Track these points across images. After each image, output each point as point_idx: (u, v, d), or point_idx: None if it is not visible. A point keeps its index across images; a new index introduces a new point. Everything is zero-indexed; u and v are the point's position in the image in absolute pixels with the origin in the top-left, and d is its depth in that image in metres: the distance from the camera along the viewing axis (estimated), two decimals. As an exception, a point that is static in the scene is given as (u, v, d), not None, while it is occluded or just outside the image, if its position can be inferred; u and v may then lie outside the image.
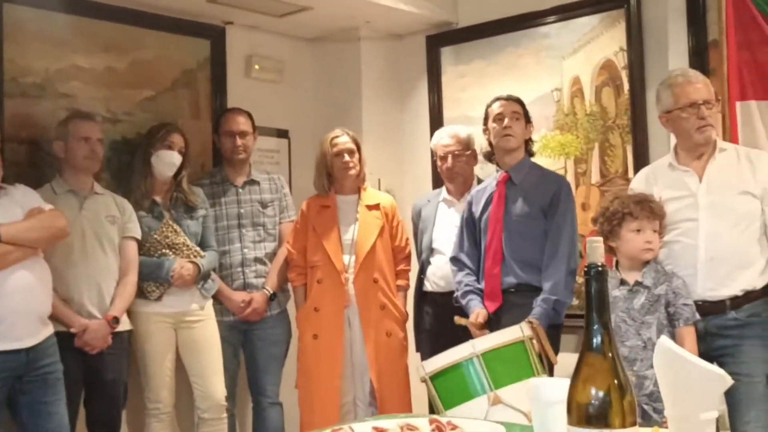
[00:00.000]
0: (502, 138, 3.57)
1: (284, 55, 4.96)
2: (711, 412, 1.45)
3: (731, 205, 3.09)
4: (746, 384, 3.03)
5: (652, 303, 3.01)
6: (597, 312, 1.27)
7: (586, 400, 1.22)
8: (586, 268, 1.29)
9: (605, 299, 1.27)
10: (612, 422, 1.20)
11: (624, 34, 4.14)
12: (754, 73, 3.47)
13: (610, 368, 1.23)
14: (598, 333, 1.26)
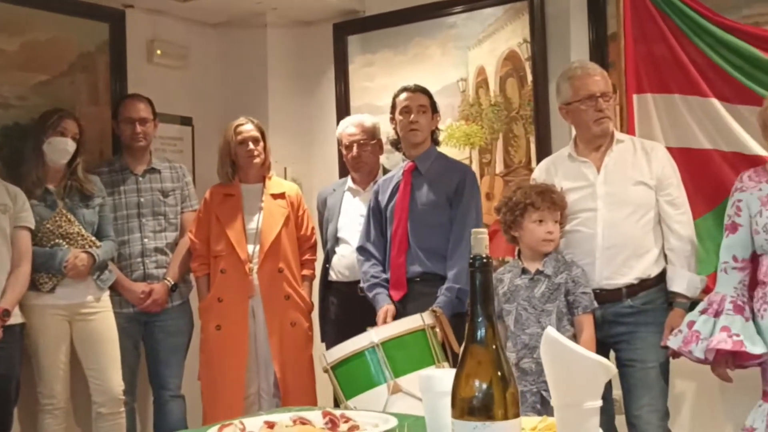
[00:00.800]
0: (409, 132, 3.59)
1: (188, 40, 4.85)
2: (595, 401, 1.46)
3: (627, 196, 3.16)
4: (641, 370, 3.12)
5: (552, 291, 3.06)
6: (481, 304, 1.26)
7: (470, 392, 1.22)
8: (471, 259, 1.28)
9: (489, 291, 1.27)
10: (495, 414, 1.20)
11: (527, 26, 4.18)
12: (651, 66, 3.53)
13: (493, 360, 1.23)
14: (482, 325, 1.26)
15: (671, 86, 3.50)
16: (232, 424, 1.73)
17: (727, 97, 3.39)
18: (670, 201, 3.17)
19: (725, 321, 2.87)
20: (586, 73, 3.23)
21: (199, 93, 4.87)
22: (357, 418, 1.81)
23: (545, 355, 1.48)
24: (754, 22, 3.58)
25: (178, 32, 4.78)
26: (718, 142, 3.41)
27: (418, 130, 3.58)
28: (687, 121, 3.47)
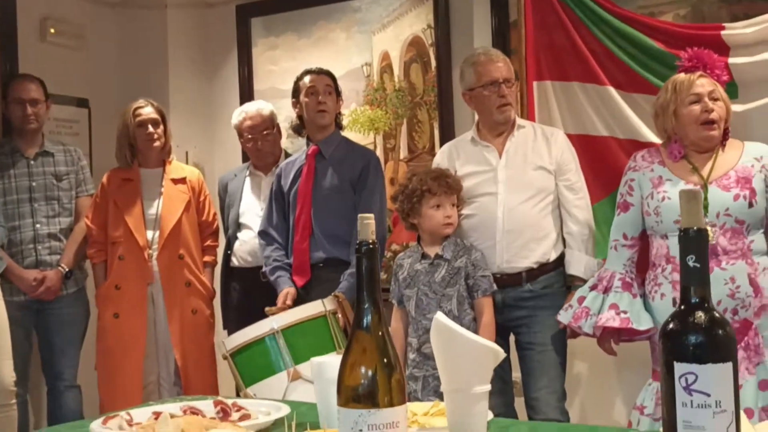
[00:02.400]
0: (317, 114, 3.56)
1: (84, 19, 4.68)
2: (484, 385, 1.48)
3: (528, 180, 3.20)
4: (539, 352, 3.17)
5: (452, 275, 3.08)
6: (367, 290, 1.25)
7: (355, 380, 1.20)
8: (357, 245, 1.27)
9: (376, 277, 1.26)
10: (380, 401, 1.19)
11: (431, 12, 4.19)
12: (550, 54, 3.58)
13: (379, 347, 1.22)
14: (368, 312, 1.24)
15: (570, 74, 3.55)
16: (117, 415, 1.68)
17: (623, 85, 3.46)
18: (568, 186, 3.23)
19: (613, 298, 2.95)
20: (490, 60, 3.25)
21: (96, 74, 4.71)
22: (249, 407, 1.79)
23: (435, 340, 1.48)
24: (649, 12, 3.67)
25: (73, 11, 4.62)
26: (615, 130, 3.48)
27: (326, 111, 3.55)
28: (585, 109, 3.53)
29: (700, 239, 1.08)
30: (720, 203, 2.81)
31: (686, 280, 1.09)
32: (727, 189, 2.83)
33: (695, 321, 1.08)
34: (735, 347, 1.07)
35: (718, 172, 2.88)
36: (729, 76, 3.09)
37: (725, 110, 2.90)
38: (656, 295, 2.91)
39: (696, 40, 3.11)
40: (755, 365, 2.78)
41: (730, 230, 2.80)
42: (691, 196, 1.09)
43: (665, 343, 1.09)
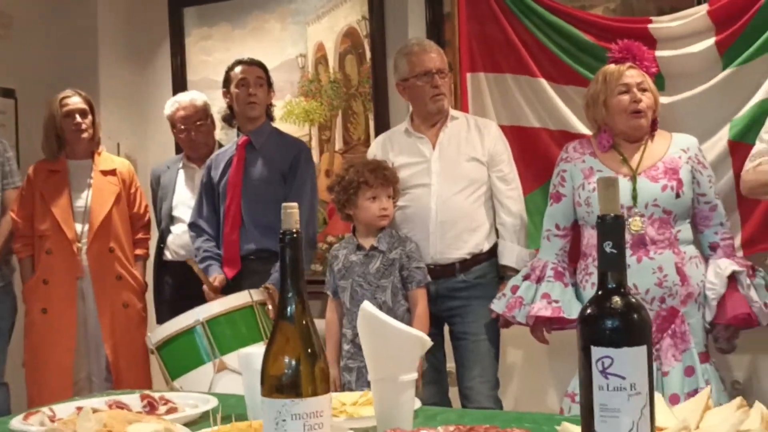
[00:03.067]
0: (247, 105, 3.53)
1: (10, 7, 4.55)
2: (411, 374, 1.48)
3: (461, 171, 3.22)
4: (473, 342, 3.20)
5: (387, 267, 3.08)
6: (291, 279, 1.24)
7: (278, 369, 1.19)
8: (280, 234, 1.26)
9: (300, 267, 1.25)
10: (303, 391, 1.18)
11: (366, 3, 4.18)
12: (484, 46, 3.60)
13: (303, 336, 1.21)
14: (292, 301, 1.23)
15: (503, 66, 3.58)
16: (39, 411, 1.64)
17: (555, 77, 3.51)
18: (501, 177, 3.26)
19: (546, 287, 2.99)
20: (423, 50, 3.26)
21: (23, 64, 4.58)
22: (177, 400, 1.76)
23: (362, 330, 1.48)
24: (580, 5, 3.71)
25: (-2, -1, 4.49)
26: (547, 121, 3.53)
27: (256, 103, 3.53)
28: (517, 100, 3.56)
29: (617, 226, 1.10)
30: (648, 194, 2.87)
31: (603, 265, 1.11)
32: (655, 180, 2.89)
33: (612, 306, 1.09)
34: (650, 331, 1.09)
35: (646, 163, 2.94)
36: (657, 68, 3.15)
37: (653, 101, 2.97)
38: (587, 285, 2.96)
39: (624, 33, 3.17)
40: (681, 352, 2.85)
41: (658, 220, 2.86)
42: (608, 183, 1.11)
43: (583, 328, 1.10)
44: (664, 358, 2.84)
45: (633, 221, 2.86)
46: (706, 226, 2.98)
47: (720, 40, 3.23)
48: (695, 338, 2.85)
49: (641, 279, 2.83)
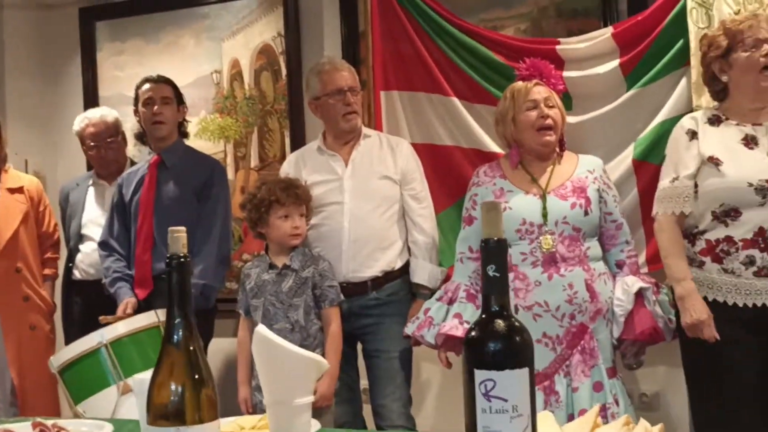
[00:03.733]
0: (152, 125, 3.49)
1: None
2: (306, 397, 1.47)
3: (374, 189, 3.24)
4: (385, 360, 3.21)
5: (299, 285, 3.07)
6: (178, 305, 1.23)
7: (164, 397, 1.18)
8: (167, 258, 1.24)
9: (186, 291, 1.24)
10: (189, 418, 1.16)
11: (281, 20, 4.17)
12: (397, 64, 3.62)
13: (189, 363, 1.19)
14: (179, 327, 1.22)
15: (416, 84, 3.61)
16: None
17: (467, 96, 3.55)
18: (413, 195, 3.28)
19: (458, 308, 3.01)
20: (334, 68, 3.28)
21: (-76, 77, 4.44)
22: (70, 427, 1.72)
23: (256, 353, 1.47)
24: (492, 25, 3.77)
25: None
26: (459, 139, 3.57)
27: (162, 123, 3.49)
28: (430, 118, 3.60)
29: (500, 249, 1.11)
30: (558, 211, 2.92)
31: (487, 289, 1.12)
32: (564, 198, 2.95)
33: (494, 329, 1.11)
34: (532, 353, 1.11)
35: (555, 182, 2.99)
36: (564, 86, 3.22)
37: (561, 117, 3.03)
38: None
39: (533, 54, 3.23)
40: (590, 368, 2.89)
41: (568, 237, 2.91)
42: (490, 207, 1.12)
43: (466, 351, 1.11)
44: (574, 374, 2.88)
45: (544, 239, 2.90)
46: (612, 244, 3.05)
47: (624, 61, 3.33)
48: (603, 354, 2.90)
49: (552, 296, 2.88)
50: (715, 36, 2.86)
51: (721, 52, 2.83)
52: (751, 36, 2.77)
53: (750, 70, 2.78)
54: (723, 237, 2.74)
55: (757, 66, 2.76)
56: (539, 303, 2.88)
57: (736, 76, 2.83)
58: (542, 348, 2.89)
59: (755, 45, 2.76)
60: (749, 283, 2.71)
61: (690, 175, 2.81)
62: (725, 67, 2.84)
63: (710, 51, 2.88)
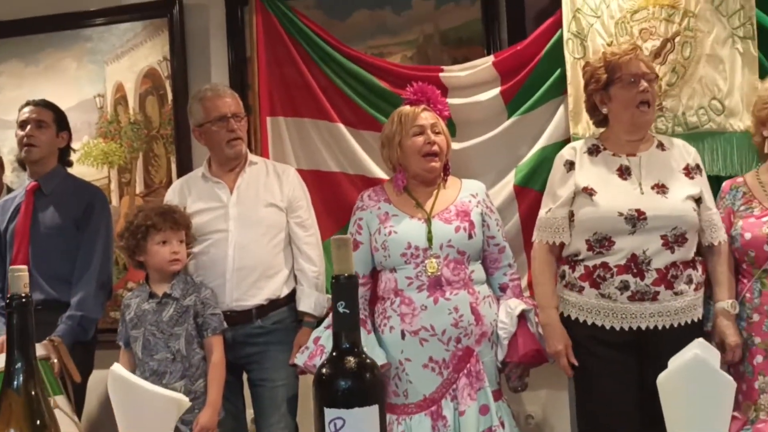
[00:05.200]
0: (23, 147, 3.37)
1: None
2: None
3: (259, 217, 3.20)
4: (270, 389, 3.17)
5: (180, 314, 3.01)
6: (19, 348, 1.17)
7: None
8: (7, 299, 1.19)
9: (29, 333, 1.18)
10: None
11: (167, 44, 4.10)
12: (283, 90, 3.62)
13: (30, 409, 1.15)
14: (19, 372, 1.17)
15: (302, 110, 3.61)
16: None
17: (353, 122, 3.57)
18: (299, 223, 3.27)
19: None
20: (217, 95, 3.24)
21: None
22: None
23: (112, 393, 1.42)
24: (379, 52, 3.81)
25: None
26: (345, 165, 3.58)
27: (33, 146, 3.37)
28: (316, 145, 3.60)
29: (350, 286, 1.11)
30: (443, 235, 2.95)
31: (337, 326, 1.12)
32: (448, 222, 2.98)
33: (344, 366, 1.10)
34: (382, 390, 1.11)
35: (439, 206, 3.02)
36: (449, 113, 3.28)
37: (446, 144, 3.07)
38: (385, 328, 2.98)
39: (417, 81, 3.26)
40: (476, 391, 2.90)
41: (453, 261, 2.94)
42: (341, 243, 1.12)
43: (316, 389, 1.10)
44: (460, 397, 2.90)
45: (429, 263, 2.92)
46: (495, 268, 3.10)
47: (504, 90, 3.41)
48: (489, 377, 2.93)
49: (438, 320, 2.90)
50: (596, 68, 2.95)
51: (601, 85, 2.93)
52: (629, 71, 2.87)
53: (627, 105, 2.88)
54: (599, 263, 2.83)
55: (634, 101, 2.87)
56: (425, 327, 2.90)
57: (614, 109, 2.93)
58: (429, 372, 2.91)
59: (633, 80, 2.86)
60: (624, 307, 2.80)
61: (563, 206, 2.91)
62: (605, 99, 2.94)
63: (590, 83, 2.97)
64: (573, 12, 3.32)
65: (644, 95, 2.86)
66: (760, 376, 2.79)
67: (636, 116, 2.89)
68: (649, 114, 2.91)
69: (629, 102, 2.87)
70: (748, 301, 2.85)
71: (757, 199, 2.90)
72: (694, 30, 3.20)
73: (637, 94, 2.86)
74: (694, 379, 1.21)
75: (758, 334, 2.81)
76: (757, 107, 2.97)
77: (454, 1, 3.79)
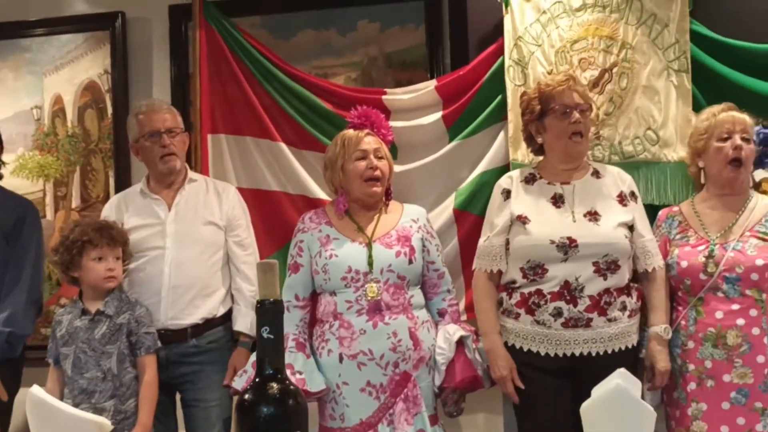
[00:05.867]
0: None
1: None
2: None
3: (197, 235, 3.17)
4: (203, 409, 3.14)
5: (113, 332, 2.96)
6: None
7: None
8: None
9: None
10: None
11: (108, 57, 4.04)
12: (225, 107, 3.59)
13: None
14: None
15: (244, 128, 3.59)
16: None
17: (295, 142, 3.56)
18: (238, 242, 3.24)
19: (288, 358, 2.93)
20: (152, 110, 3.22)
21: None
22: None
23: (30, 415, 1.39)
24: (323, 73, 3.81)
25: None
26: (286, 185, 3.57)
27: None
28: (258, 163, 3.58)
29: (276, 311, 1.10)
30: (383, 260, 2.95)
31: (261, 351, 1.10)
32: (389, 246, 2.98)
33: (267, 393, 1.09)
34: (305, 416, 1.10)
35: (381, 231, 3.02)
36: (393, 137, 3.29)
37: (389, 169, 3.07)
38: (323, 352, 2.96)
39: (361, 103, 3.27)
40: (413, 416, 2.89)
41: (393, 286, 2.94)
42: (266, 267, 1.11)
43: (238, 416, 1.09)
44: (397, 422, 2.88)
45: (369, 287, 2.92)
46: (435, 293, 3.10)
47: (446, 114, 3.44)
48: (426, 402, 2.92)
49: (377, 344, 2.88)
50: (531, 99, 3.01)
51: (535, 116, 2.98)
52: (562, 102, 2.93)
53: (561, 136, 2.94)
54: (534, 290, 2.86)
55: (567, 132, 2.92)
56: (364, 351, 2.89)
57: (548, 140, 2.99)
58: (366, 397, 2.89)
59: (566, 111, 2.92)
60: (558, 333, 2.83)
61: (499, 234, 2.95)
62: (540, 129, 2.99)
63: (526, 113, 3.03)
64: (515, 40, 3.37)
65: (577, 126, 2.91)
66: (693, 403, 2.84)
67: (569, 147, 2.94)
68: (582, 144, 2.97)
69: (562, 133, 2.93)
70: (683, 328, 2.90)
71: (692, 228, 2.96)
72: (631, 61, 3.28)
73: (569, 125, 2.91)
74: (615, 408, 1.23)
75: (692, 362, 2.86)
76: (693, 138, 3.04)
77: (399, 24, 3.81)
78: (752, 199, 2.97)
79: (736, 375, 2.79)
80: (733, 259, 2.83)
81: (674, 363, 2.91)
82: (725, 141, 2.91)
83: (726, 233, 2.91)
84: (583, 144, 2.96)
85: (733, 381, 2.79)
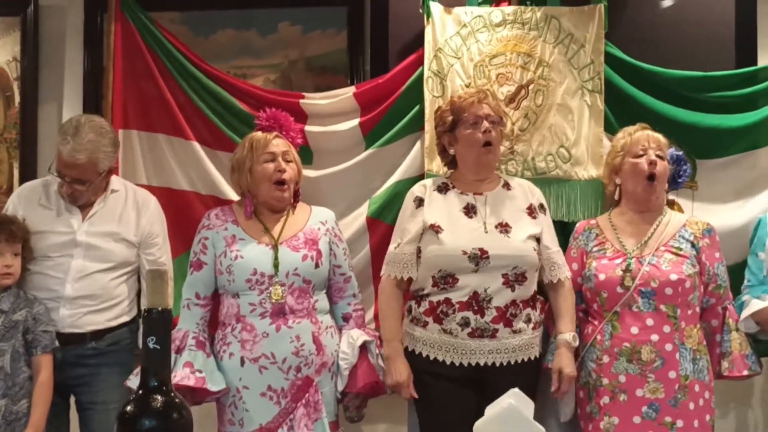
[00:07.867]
0: None
1: None
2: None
3: (106, 250, 3.08)
4: (101, 412, 3.05)
5: (8, 329, 2.87)
6: None
7: None
8: None
9: None
10: None
11: (19, 44, 3.90)
12: (138, 103, 3.50)
13: None
14: None
15: (156, 125, 3.51)
16: None
17: (208, 142, 3.50)
18: (151, 261, 3.16)
19: (188, 356, 2.88)
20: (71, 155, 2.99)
21: None
22: None
23: None
24: (242, 73, 3.76)
25: None
26: (197, 185, 3.50)
27: None
28: (169, 162, 3.50)
29: (163, 320, 1.07)
30: (289, 263, 2.91)
31: (146, 362, 1.07)
32: (296, 249, 2.95)
33: (150, 405, 1.05)
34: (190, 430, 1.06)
35: (288, 233, 2.99)
36: (303, 140, 3.26)
37: (297, 172, 3.04)
38: (225, 355, 2.91)
39: (278, 106, 3.23)
40: (314, 422, 2.87)
41: (298, 289, 2.91)
42: (156, 275, 1.08)
43: (119, 428, 1.05)
44: (297, 428, 2.85)
45: (274, 290, 2.88)
46: (340, 297, 3.09)
47: (364, 121, 3.44)
48: (327, 407, 2.91)
49: (279, 348, 2.85)
50: (443, 111, 3.05)
51: (447, 127, 3.01)
52: (473, 113, 2.96)
53: (472, 146, 2.97)
54: (443, 299, 2.88)
55: (478, 142, 2.96)
56: (266, 355, 2.85)
57: (460, 150, 3.02)
58: (266, 401, 2.86)
59: (476, 122, 2.95)
60: (464, 343, 2.86)
61: (411, 242, 2.97)
62: (452, 140, 3.02)
63: (438, 125, 3.06)
64: (435, 51, 3.38)
65: (487, 135, 2.94)
66: (606, 417, 2.88)
67: (480, 156, 2.97)
68: (492, 154, 3.00)
69: (473, 142, 2.96)
70: (599, 343, 2.94)
71: (609, 241, 3.02)
72: (547, 79, 3.33)
73: (480, 134, 2.94)
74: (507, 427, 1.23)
75: (606, 376, 2.91)
76: (610, 156, 3.11)
77: (321, 28, 3.80)
78: (666, 215, 3.06)
79: (648, 390, 2.85)
80: (649, 273, 2.90)
81: (589, 377, 2.95)
82: (640, 157, 2.99)
83: (642, 247, 2.97)
84: (492, 154, 3.00)
85: (645, 396, 2.85)
